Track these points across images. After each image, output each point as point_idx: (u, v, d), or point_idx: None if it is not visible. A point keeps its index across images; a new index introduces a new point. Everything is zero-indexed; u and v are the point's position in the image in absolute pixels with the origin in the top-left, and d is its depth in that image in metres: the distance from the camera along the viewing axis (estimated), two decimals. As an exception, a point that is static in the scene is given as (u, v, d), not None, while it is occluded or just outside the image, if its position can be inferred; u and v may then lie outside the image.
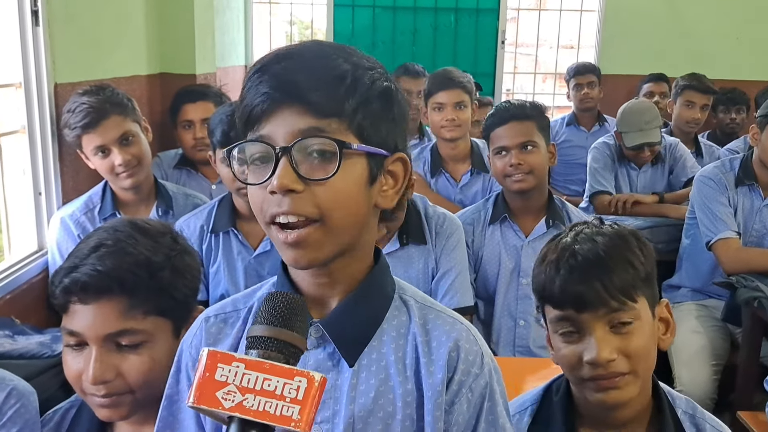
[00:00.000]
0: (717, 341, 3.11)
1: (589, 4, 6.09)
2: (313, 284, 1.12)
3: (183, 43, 3.89)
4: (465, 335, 1.15)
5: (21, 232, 2.81)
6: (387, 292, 1.16)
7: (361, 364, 1.11)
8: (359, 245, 1.11)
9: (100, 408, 1.40)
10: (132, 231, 1.43)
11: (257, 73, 1.04)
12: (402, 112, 1.12)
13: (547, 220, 2.65)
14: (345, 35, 5.80)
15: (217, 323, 1.18)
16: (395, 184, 1.12)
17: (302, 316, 0.90)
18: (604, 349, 1.42)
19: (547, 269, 1.48)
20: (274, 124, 1.02)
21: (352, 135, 1.03)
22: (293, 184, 1.00)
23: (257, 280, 2.60)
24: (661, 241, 3.55)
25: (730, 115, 4.98)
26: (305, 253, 1.04)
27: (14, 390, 1.50)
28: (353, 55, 1.08)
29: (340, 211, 1.03)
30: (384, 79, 1.09)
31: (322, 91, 1.01)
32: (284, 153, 1.00)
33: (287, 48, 1.08)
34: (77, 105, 2.63)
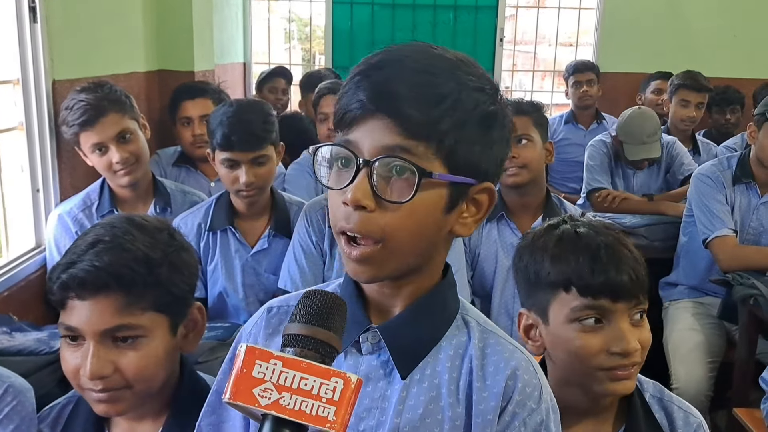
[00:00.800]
0: (713, 338, 3.12)
1: (587, 1, 6.09)
2: (378, 292, 1.11)
3: (181, 39, 3.90)
4: (524, 365, 1.10)
5: (19, 228, 2.80)
6: (449, 309, 1.14)
7: (413, 378, 1.09)
8: (427, 266, 1.09)
9: (97, 403, 1.40)
10: (129, 227, 1.43)
11: (359, 76, 1.02)
12: (503, 137, 1.07)
13: (544, 217, 2.63)
14: (344, 32, 5.80)
15: (278, 315, 1.17)
16: (477, 213, 1.08)
17: (340, 316, 0.89)
18: (632, 339, 1.45)
19: (579, 258, 1.46)
20: (362, 133, 1.00)
21: (440, 161, 1.00)
22: (365, 200, 0.98)
23: (255, 278, 2.64)
24: (658, 239, 3.57)
25: (724, 116, 4.98)
26: (367, 270, 1.03)
27: (11, 387, 1.50)
28: (462, 72, 1.02)
29: (406, 236, 1.01)
30: (490, 102, 1.03)
31: (416, 110, 0.98)
32: (365, 166, 0.99)
33: (396, 51, 1.03)
34: (75, 102, 2.62)
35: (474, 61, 1.07)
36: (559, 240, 1.51)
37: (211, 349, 2.16)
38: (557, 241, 1.52)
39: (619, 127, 3.97)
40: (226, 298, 2.66)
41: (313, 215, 2.54)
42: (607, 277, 1.44)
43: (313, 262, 2.52)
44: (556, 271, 1.49)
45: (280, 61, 6.40)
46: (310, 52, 7.97)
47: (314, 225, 2.53)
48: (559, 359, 1.52)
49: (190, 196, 2.95)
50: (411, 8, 5.77)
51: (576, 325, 1.47)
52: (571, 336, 1.48)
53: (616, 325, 1.46)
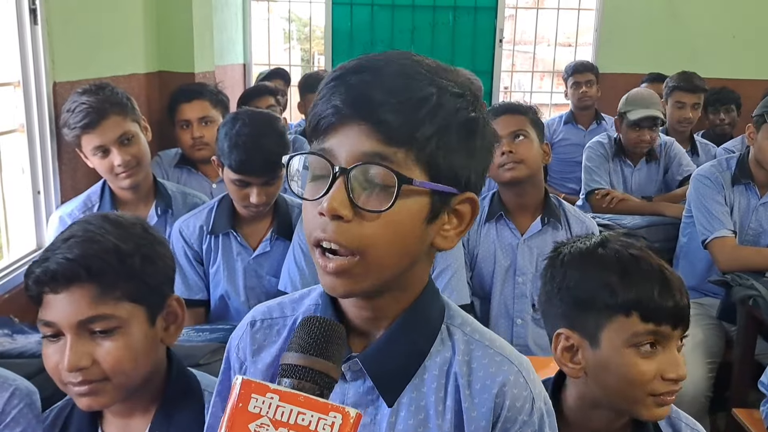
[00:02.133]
0: (712, 339, 3.13)
1: (586, 2, 6.10)
2: (357, 315, 1.07)
3: (181, 41, 3.90)
4: (513, 379, 1.05)
5: (20, 230, 2.81)
6: (433, 322, 1.09)
7: (400, 402, 1.05)
8: (407, 281, 1.05)
9: (79, 397, 1.41)
10: (103, 223, 1.46)
11: (333, 81, 0.97)
12: (485, 146, 1.02)
13: (542, 218, 2.64)
14: (343, 33, 5.82)
15: (263, 329, 1.15)
16: (459, 225, 1.04)
17: (338, 344, 0.86)
18: (683, 366, 1.44)
19: (646, 283, 1.43)
20: (338, 140, 0.95)
21: (420, 168, 0.95)
22: (342, 210, 0.93)
23: (257, 281, 2.64)
24: (658, 240, 3.57)
25: (719, 116, 4.99)
26: (343, 283, 0.98)
27: (17, 390, 1.51)
28: (442, 77, 0.98)
29: (386, 248, 0.96)
30: (471, 109, 0.99)
31: (395, 114, 0.93)
32: (342, 175, 0.94)
33: (371, 58, 0.99)
34: (77, 105, 2.62)
35: (454, 69, 1.03)
36: (618, 262, 1.46)
37: (213, 351, 2.16)
38: (616, 263, 1.46)
39: (622, 102, 4.02)
40: (228, 301, 2.66)
41: None
42: (674, 303, 1.42)
43: (311, 263, 2.52)
44: (620, 296, 1.43)
45: (280, 61, 6.42)
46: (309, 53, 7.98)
47: None
48: (606, 384, 1.47)
49: (191, 198, 2.95)
50: (410, 9, 5.79)
51: (633, 350, 1.44)
52: (628, 361, 1.44)
53: (670, 351, 1.44)
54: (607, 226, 3.55)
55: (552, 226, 2.64)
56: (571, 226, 2.66)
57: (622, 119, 3.98)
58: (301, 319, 0.89)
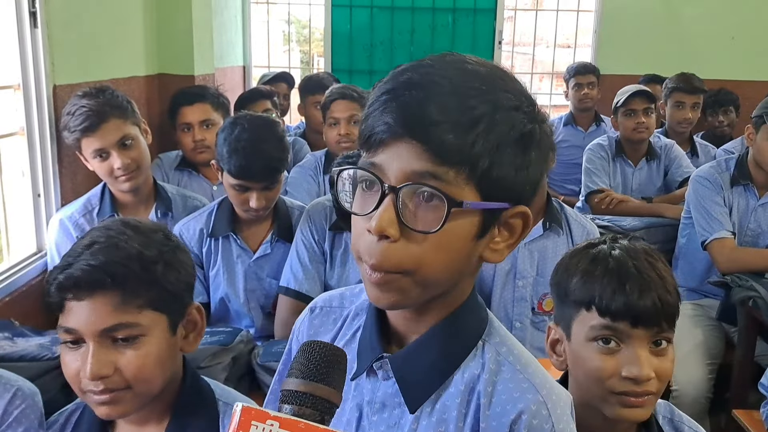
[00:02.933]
0: (712, 340, 3.13)
1: (585, 4, 6.10)
2: (399, 316, 1.07)
3: (181, 43, 3.90)
4: (534, 409, 1.01)
5: (20, 233, 2.81)
6: (469, 335, 1.06)
7: (424, 410, 1.04)
8: (452, 294, 1.04)
9: (99, 405, 1.40)
10: (124, 228, 1.45)
11: (385, 95, 0.95)
12: (541, 157, 0.99)
13: (544, 222, 2.63)
14: (343, 35, 5.82)
15: (321, 315, 1.18)
16: (510, 237, 1.01)
17: (340, 369, 0.86)
18: (646, 366, 1.43)
19: (604, 279, 1.45)
20: (389, 156, 0.94)
21: (472, 186, 0.93)
22: (390, 230, 0.92)
23: (257, 284, 2.65)
24: (657, 241, 3.57)
25: (717, 118, 4.99)
26: (389, 296, 0.98)
27: (19, 391, 1.51)
28: (498, 89, 0.95)
29: (434, 268, 0.95)
30: (528, 121, 0.96)
31: (448, 134, 0.90)
32: (391, 192, 0.92)
33: (424, 70, 0.95)
34: (77, 108, 2.63)
35: (510, 75, 1.00)
36: (592, 260, 1.50)
37: (213, 354, 2.17)
38: (590, 260, 1.50)
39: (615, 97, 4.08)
40: (228, 304, 2.67)
41: (315, 216, 2.55)
42: (627, 300, 1.43)
43: (316, 260, 2.53)
44: (581, 289, 1.48)
45: (279, 63, 6.42)
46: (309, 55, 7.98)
47: (316, 225, 2.54)
48: (578, 378, 1.52)
49: (191, 201, 2.95)
50: (410, 11, 5.78)
51: (594, 344, 1.47)
52: (589, 355, 1.47)
53: (632, 350, 1.44)
54: (607, 228, 3.56)
55: (553, 231, 2.64)
56: (572, 231, 2.65)
57: (616, 114, 4.02)
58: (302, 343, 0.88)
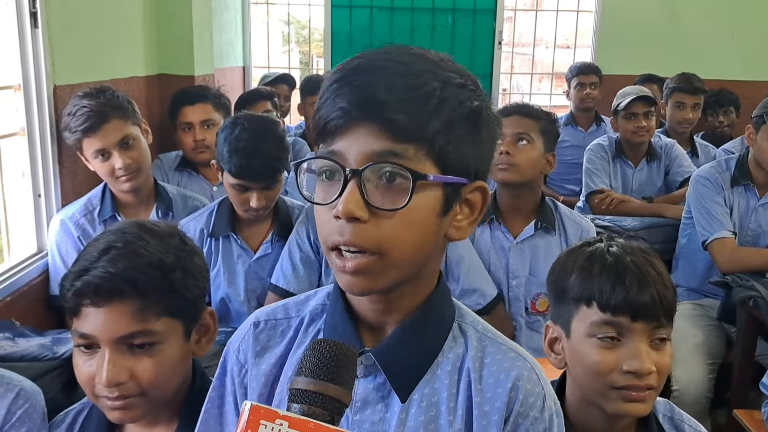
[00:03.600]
0: (713, 340, 3.13)
1: (585, 4, 6.10)
2: (370, 308, 1.07)
3: (181, 44, 3.90)
4: (527, 374, 1.06)
5: (20, 233, 2.81)
6: (445, 319, 1.09)
7: (412, 398, 1.05)
8: (422, 274, 1.05)
9: (112, 411, 1.39)
10: (140, 232, 1.43)
11: (336, 83, 0.97)
12: (491, 134, 1.03)
13: (536, 222, 2.63)
14: (342, 36, 5.82)
15: (266, 330, 1.14)
16: (471, 214, 1.04)
17: (350, 368, 0.84)
18: (647, 359, 1.44)
19: (602, 274, 1.47)
20: (347, 142, 0.95)
21: (431, 162, 0.95)
22: (358, 211, 0.93)
23: (258, 283, 2.64)
24: (658, 241, 3.58)
25: (718, 118, 5.00)
26: (362, 282, 0.98)
27: (22, 391, 1.51)
28: (444, 69, 0.99)
29: (404, 245, 0.96)
30: (474, 98, 1.00)
31: (403, 112, 0.93)
32: (354, 176, 0.93)
33: (372, 57, 0.99)
34: (78, 108, 2.62)
35: (452, 59, 1.04)
36: (590, 256, 1.51)
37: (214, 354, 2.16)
38: (588, 257, 1.51)
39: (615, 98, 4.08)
40: (229, 304, 2.67)
41: (313, 216, 2.54)
42: (627, 295, 1.44)
43: (307, 263, 2.52)
44: (580, 286, 1.49)
45: (279, 64, 6.42)
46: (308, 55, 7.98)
47: (314, 225, 2.54)
48: (577, 375, 1.52)
49: (191, 201, 2.95)
50: (409, 12, 5.78)
51: (594, 340, 1.47)
52: (589, 351, 1.48)
53: (633, 344, 1.45)
54: (607, 228, 3.56)
55: (545, 231, 2.64)
56: (567, 230, 2.65)
57: (616, 115, 4.02)
58: (311, 341, 0.88)
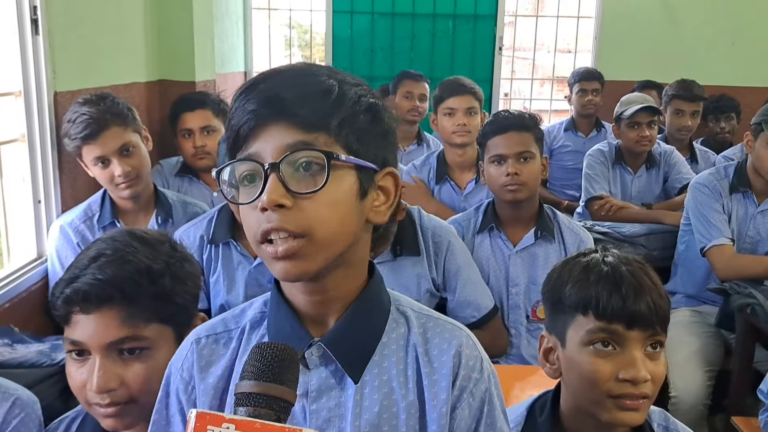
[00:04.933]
0: (711, 347, 3.13)
1: (586, 10, 6.11)
2: (309, 302, 1.11)
3: (182, 50, 3.92)
4: (465, 341, 1.16)
5: (20, 239, 2.83)
6: (383, 305, 1.16)
7: (364, 380, 1.11)
8: (352, 260, 1.11)
9: (104, 418, 1.40)
10: (130, 240, 1.44)
11: (243, 93, 1.05)
12: (390, 128, 1.12)
13: (536, 231, 2.65)
14: (344, 41, 5.83)
15: (209, 344, 1.17)
16: (387, 200, 1.11)
17: (293, 367, 0.87)
18: (642, 368, 1.44)
19: (599, 283, 1.48)
20: (261, 142, 1.02)
21: (340, 148, 1.03)
22: (282, 199, 0.99)
23: (258, 290, 2.63)
24: (657, 248, 3.59)
25: (719, 124, 4.99)
26: (294, 265, 1.02)
27: (18, 399, 1.51)
28: (338, 73, 1.09)
29: (328, 224, 1.02)
30: (370, 95, 1.09)
31: (308, 106, 1.02)
32: (273, 169, 1.00)
33: (272, 69, 1.09)
34: (77, 115, 2.63)
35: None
36: (585, 266, 1.53)
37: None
38: (583, 267, 1.53)
39: (617, 107, 4.07)
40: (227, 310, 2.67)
41: None
42: (623, 303, 1.45)
43: None
44: (576, 295, 1.50)
45: (280, 69, 6.42)
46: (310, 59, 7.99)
47: None
48: (573, 384, 1.53)
49: (191, 207, 2.96)
50: (410, 17, 5.80)
51: (590, 348, 1.48)
52: (585, 359, 1.48)
53: (628, 353, 1.46)
54: (607, 234, 3.57)
55: (545, 240, 2.65)
56: (565, 239, 2.66)
57: (619, 123, 4.01)
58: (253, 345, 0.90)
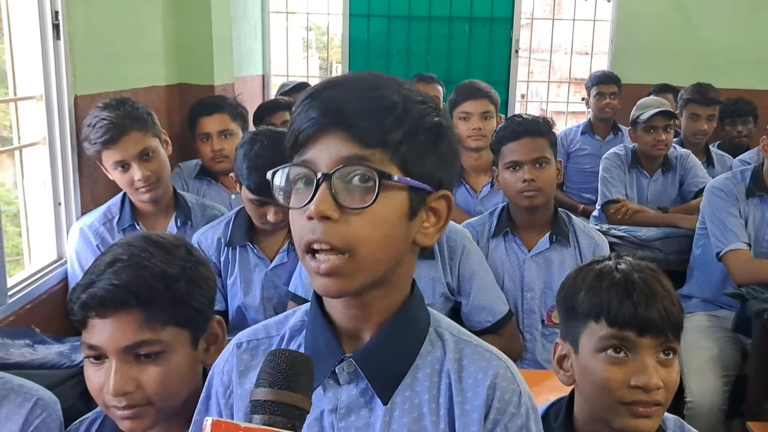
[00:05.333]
0: (727, 352, 3.11)
1: (602, 13, 6.10)
2: (347, 315, 1.11)
3: (201, 53, 3.96)
4: (503, 372, 1.12)
5: (41, 241, 2.86)
6: (421, 324, 1.15)
7: (394, 401, 1.10)
8: (394, 279, 1.10)
9: (122, 420, 1.42)
10: (146, 245, 1.46)
11: (307, 99, 1.05)
12: (452, 149, 1.10)
13: (551, 235, 2.64)
14: (360, 44, 5.85)
15: (249, 350, 1.19)
16: (437, 222, 1.10)
17: (307, 375, 0.88)
18: (654, 374, 1.45)
19: (611, 290, 1.49)
20: (318, 150, 1.02)
21: (396, 167, 1.02)
22: (330, 211, 0.99)
23: (274, 292, 2.67)
24: (672, 252, 3.58)
25: (736, 128, 4.95)
26: (335, 282, 1.03)
27: (39, 400, 1.54)
28: (405, 89, 1.07)
29: (373, 244, 1.02)
30: (434, 114, 1.07)
31: (368, 120, 1.01)
32: (325, 179, 1.00)
33: (340, 76, 1.09)
34: (98, 120, 2.65)
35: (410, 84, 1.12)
36: (598, 274, 1.53)
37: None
38: (596, 274, 1.54)
39: (633, 111, 4.07)
40: (245, 312, 2.69)
41: None
42: (635, 310, 1.46)
43: None
44: (589, 302, 1.51)
45: (298, 72, 6.46)
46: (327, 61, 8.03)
47: None
48: (586, 391, 1.53)
49: (210, 210, 2.98)
50: (427, 20, 5.81)
51: (602, 355, 1.49)
52: (597, 366, 1.49)
53: (641, 359, 1.46)
54: (623, 238, 3.57)
55: (560, 244, 2.65)
56: (580, 243, 2.66)
57: (635, 127, 4.01)
58: (268, 353, 0.91)
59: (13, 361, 2.06)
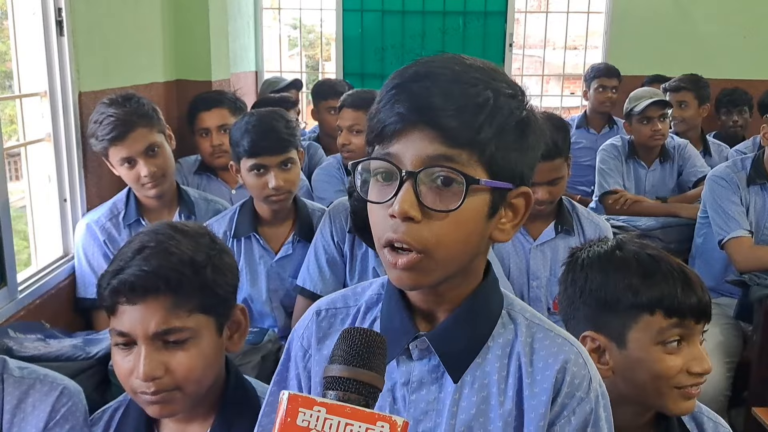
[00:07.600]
0: (730, 338, 3.15)
1: (596, 5, 6.12)
2: (421, 298, 1.12)
3: (199, 49, 3.96)
4: (574, 358, 1.12)
5: (47, 238, 2.86)
6: (494, 308, 1.15)
7: (464, 380, 1.11)
8: (469, 270, 1.11)
9: (150, 405, 1.44)
10: (172, 232, 1.48)
11: (394, 90, 1.02)
12: (536, 141, 1.08)
13: (556, 225, 2.66)
14: (354, 39, 5.85)
15: (327, 318, 1.21)
16: (514, 218, 1.09)
17: (381, 353, 0.87)
18: (708, 360, 1.48)
19: (668, 280, 1.48)
20: (403, 145, 1.00)
21: (482, 167, 1.00)
22: (413, 212, 0.98)
23: (280, 284, 2.68)
24: (673, 241, 3.60)
25: (732, 117, 4.99)
26: (411, 277, 1.03)
27: (65, 389, 1.55)
28: (495, 80, 1.03)
29: (453, 245, 1.02)
30: (523, 108, 1.05)
31: (457, 119, 0.98)
32: (409, 178, 0.99)
33: (428, 64, 1.04)
34: (104, 117, 2.66)
35: (501, 69, 1.09)
36: (639, 264, 1.51)
37: (243, 353, 2.21)
38: (636, 264, 1.52)
39: (627, 102, 4.10)
40: (251, 304, 2.70)
41: (336, 216, 2.59)
42: (697, 299, 1.47)
43: (332, 263, 2.56)
44: (645, 295, 1.49)
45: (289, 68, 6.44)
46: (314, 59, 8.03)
47: (337, 226, 2.58)
48: (635, 381, 1.52)
49: (213, 204, 2.99)
50: (420, 15, 5.81)
51: (660, 347, 1.49)
52: (656, 357, 1.49)
53: (694, 346, 1.49)
54: (622, 228, 3.58)
55: (565, 234, 2.67)
56: (585, 230, 2.68)
57: (630, 119, 4.03)
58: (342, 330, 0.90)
59: (29, 354, 2.06)
